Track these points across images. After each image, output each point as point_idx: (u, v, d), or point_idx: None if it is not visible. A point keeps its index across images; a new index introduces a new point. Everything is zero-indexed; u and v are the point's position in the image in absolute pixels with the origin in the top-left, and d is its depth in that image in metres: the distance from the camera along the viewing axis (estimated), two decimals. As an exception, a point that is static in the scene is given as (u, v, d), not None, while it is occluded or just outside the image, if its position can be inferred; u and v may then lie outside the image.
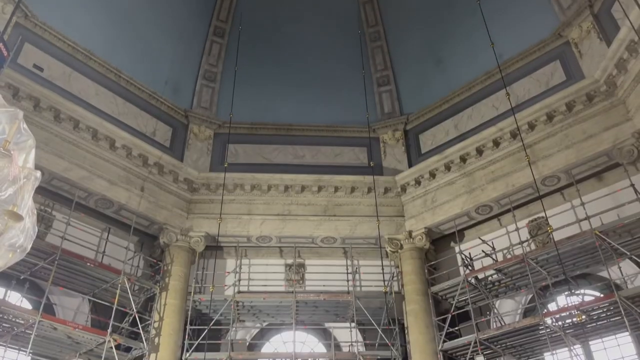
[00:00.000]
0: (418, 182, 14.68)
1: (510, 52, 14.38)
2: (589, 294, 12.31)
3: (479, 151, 13.70)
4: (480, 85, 15.09)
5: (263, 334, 14.83)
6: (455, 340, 12.51)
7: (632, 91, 11.13)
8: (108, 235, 13.41)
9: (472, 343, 12.02)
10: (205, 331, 12.82)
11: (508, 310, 13.36)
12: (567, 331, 11.49)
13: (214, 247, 14.44)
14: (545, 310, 12.01)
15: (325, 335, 14.69)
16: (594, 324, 11.32)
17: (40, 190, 10.60)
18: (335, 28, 17.19)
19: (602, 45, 12.29)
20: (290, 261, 14.80)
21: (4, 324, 11.02)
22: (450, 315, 12.70)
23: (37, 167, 4.49)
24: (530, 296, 12.92)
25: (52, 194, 12.53)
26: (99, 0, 14.59)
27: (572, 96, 12.21)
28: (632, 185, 11.01)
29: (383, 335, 13.20)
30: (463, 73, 15.63)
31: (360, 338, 13.91)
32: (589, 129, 11.98)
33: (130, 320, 12.75)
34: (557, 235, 11.12)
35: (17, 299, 12.12)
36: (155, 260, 14.07)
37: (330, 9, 17.26)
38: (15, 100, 11.59)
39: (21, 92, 11.82)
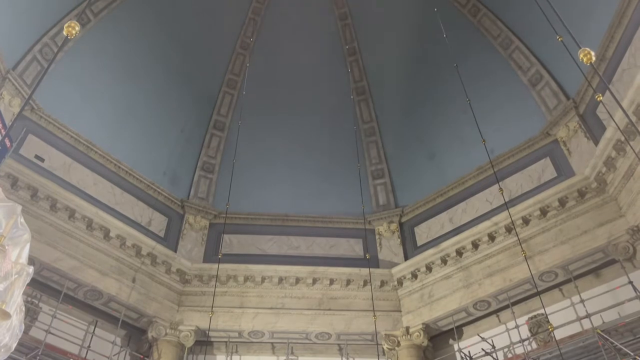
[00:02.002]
0: (414, 276, 14.49)
1: (501, 148, 14.81)
2: (596, 398, 11.74)
3: (475, 245, 13.67)
4: (473, 179, 15.37)
5: None
6: None
7: (623, 188, 11.35)
8: (95, 329, 12.93)
9: None
10: None
11: (512, 414, 12.65)
12: None
13: (203, 342, 13.91)
14: (551, 415, 11.38)
15: None
16: None
17: (29, 282, 10.35)
18: (332, 123, 17.80)
19: (590, 143, 12.72)
20: (282, 358, 14.19)
21: None
22: (451, 420, 12.01)
23: (29, 257, 4.43)
24: (534, 399, 12.30)
25: (40, 284, 12.24)
26: (104, 94, 15.18)
27: (564, 192, 12.42)
28: (631, 282, 10.90)
29: None
30: (456, 167, 15.98)
31: None
32: (583, 224, 12.07)
33: (111, 423, 11.96)
34: (558, 334, 10.80)
35: (-8, 397, 11.42)
36: (141, 356, 13.44)
37: (327, 106, 17.98)
38: (13, 190, 11.67)
39: (20, 181, 11.93)
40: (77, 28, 5.15)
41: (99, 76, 14.95)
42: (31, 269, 4.09)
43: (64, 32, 5.09)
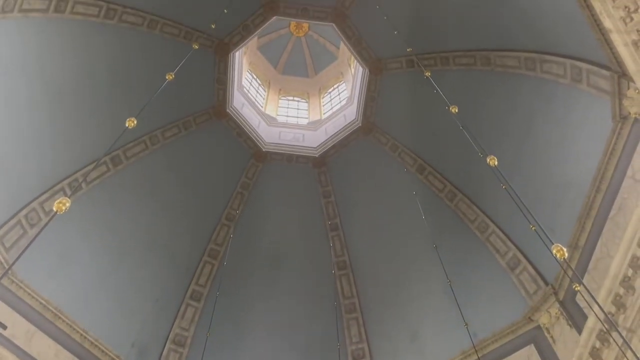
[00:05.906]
0: None
1: (484, 332, 14.43)
2: None
3: None
4: (457, 365, 14.72)
5: None
6: None
7: (613, 384, 10.87)
8: None
9: None
10: None
11: None
12: None
13: None
14: None
15: None
16: None
17: None
18: (312, 298, 17.52)
19: (573, 331, 12.45)
20: None
21: None
22: None
23: None
24: None
25: None
26: (81, 260, 14.91)
27: (553, 384, 11.86)
28: None
29: None
30: (439, 350, 15.36)
31: None
32: (577, 423, 11.28)
33: None
34: None
35: None
36: None
37: (308, 280, 17.91)
38: (-35, 360, 10.80)
39: (-25, 351, 11.12)
40: (67, 204, 5.27)
41: (78, 243, 14.81)
42: None
43: (54, 208, 5.18)
